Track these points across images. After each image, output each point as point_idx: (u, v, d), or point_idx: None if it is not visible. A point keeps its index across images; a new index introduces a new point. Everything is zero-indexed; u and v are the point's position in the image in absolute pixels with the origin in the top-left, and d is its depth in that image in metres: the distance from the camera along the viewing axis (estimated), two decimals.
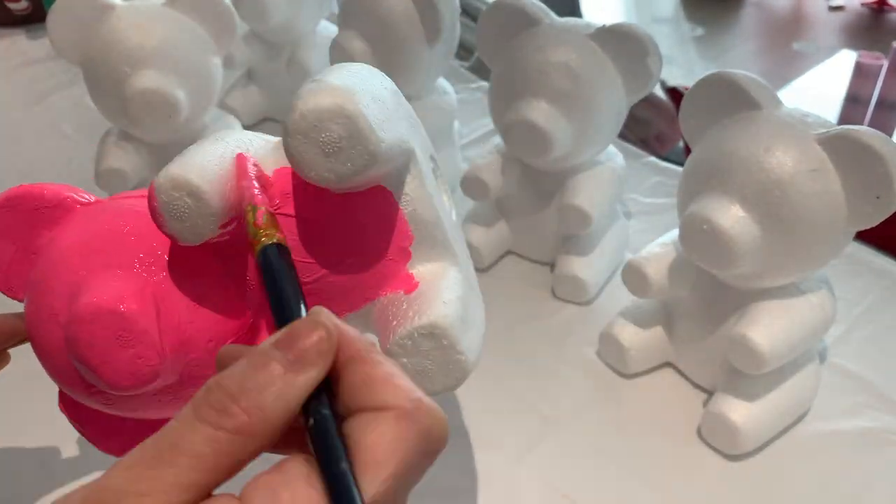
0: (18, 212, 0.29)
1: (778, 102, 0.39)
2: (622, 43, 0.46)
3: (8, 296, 0.30)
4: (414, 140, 0.29)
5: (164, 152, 0.58)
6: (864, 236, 0.42)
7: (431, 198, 0.28)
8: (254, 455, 0.18)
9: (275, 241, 0.22)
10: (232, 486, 0.17)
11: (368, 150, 0.24)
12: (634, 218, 0.61)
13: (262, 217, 0.23)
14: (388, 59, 0.55)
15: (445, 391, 0.26)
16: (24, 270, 0.29)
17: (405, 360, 0.26)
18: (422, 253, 0.28)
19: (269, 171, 0.27)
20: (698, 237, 0.37)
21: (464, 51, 0.85)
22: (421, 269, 0.29)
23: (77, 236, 0.28)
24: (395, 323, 0.27)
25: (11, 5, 0.92)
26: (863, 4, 2.00)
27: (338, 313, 0.24)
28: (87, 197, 0.30)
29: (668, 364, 0.47)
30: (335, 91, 0.24)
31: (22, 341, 0.31)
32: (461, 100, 0.66)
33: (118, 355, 0.25)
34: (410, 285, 0.28)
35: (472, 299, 0.30)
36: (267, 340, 0.18)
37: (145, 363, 0.25)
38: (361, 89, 0.25)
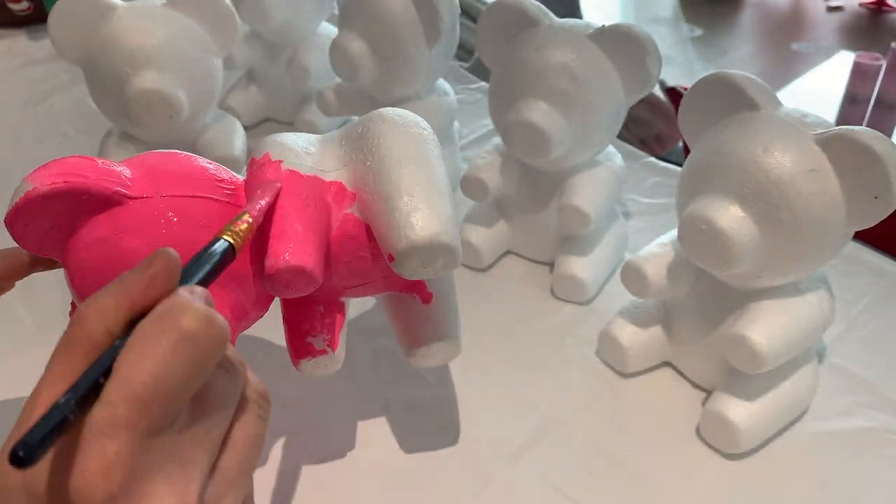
0: (62, 201, 0.30)
1: (777, 103, 0.39)
2: (621, 43, 0.46)
3: (38, 254, 0.33)
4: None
5: None
6: (863, 236, 0.42)
7: None
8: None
9: (230, 240, 0.26)
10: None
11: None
12: (634, 218, 0.61)
13: (243, 224, 0.28)
14: (389, 59, 0.55)
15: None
16: (54, 239, 0.32)
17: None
18: None
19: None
20: (697, 237, 0.38)
21: (464, 51, 0.85)
22: None
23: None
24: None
25: (12, 6, 0.92)
26: (861, 5, 2.01)
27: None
28: (127, 182, 0.32)
29: (668, 364, 0.48)
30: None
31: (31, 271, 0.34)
32: (461, 100, 0.66)
33: None
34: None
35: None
36: None
37: None
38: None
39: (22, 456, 0.18)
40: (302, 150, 0.34)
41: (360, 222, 0.33)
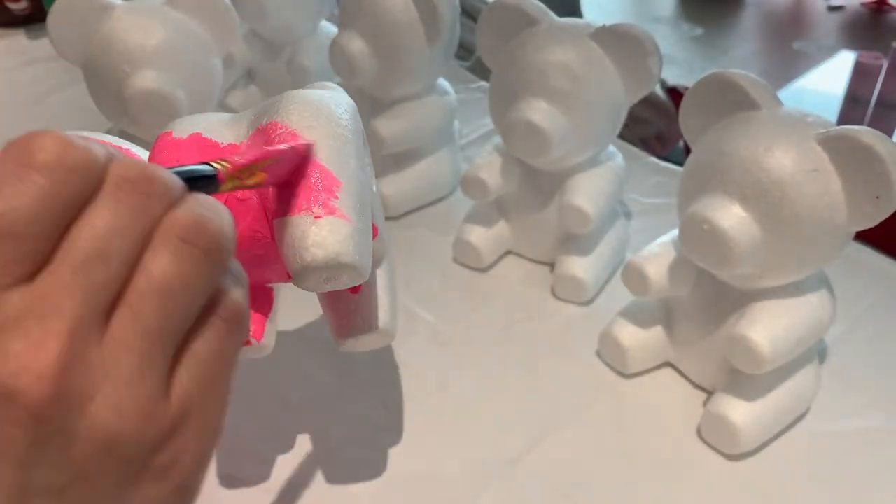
0: None
1: (778, 102, 0.39)
2: (622, 43, 0.46)
3: None
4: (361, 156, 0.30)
5: None
6: (864, 236, 0.42)
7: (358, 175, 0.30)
8: None
9: (219, 166, 0.23)
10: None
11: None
12: (634, 218, 0.61)
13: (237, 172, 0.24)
14: (388, 59, 0.55)
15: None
16: None
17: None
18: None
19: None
20: (698, 237, 0.38)
21: (464, 51, 0.85)
22: None
23: None
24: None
25: (11, 5, 0.92)
26: (862, 4, 2.00)
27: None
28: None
29: (668, 364, 0.47)
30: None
31: None
32: (461, 100, 0.66)
33: None
34: None
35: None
36: None
37: None
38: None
39: None
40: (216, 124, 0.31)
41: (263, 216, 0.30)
